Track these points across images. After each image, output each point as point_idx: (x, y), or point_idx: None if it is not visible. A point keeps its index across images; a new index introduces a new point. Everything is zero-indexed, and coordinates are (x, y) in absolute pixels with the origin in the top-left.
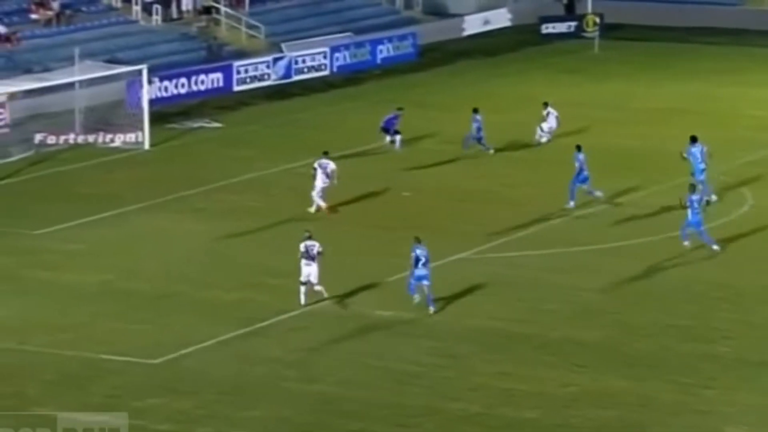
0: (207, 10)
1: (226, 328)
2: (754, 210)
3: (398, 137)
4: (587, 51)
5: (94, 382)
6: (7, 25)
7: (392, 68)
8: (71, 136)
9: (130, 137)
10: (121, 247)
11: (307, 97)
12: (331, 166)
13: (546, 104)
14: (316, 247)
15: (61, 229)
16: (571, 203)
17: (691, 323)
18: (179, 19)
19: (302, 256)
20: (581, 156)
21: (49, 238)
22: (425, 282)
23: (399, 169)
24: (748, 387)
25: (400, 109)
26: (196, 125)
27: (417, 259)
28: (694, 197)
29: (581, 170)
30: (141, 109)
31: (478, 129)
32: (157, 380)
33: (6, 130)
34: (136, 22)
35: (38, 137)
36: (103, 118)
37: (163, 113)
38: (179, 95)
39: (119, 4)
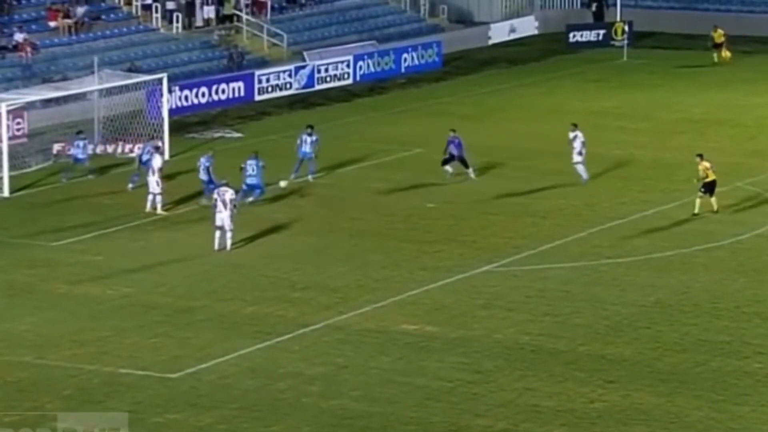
0: (228, 18)
1: (247, 342)
2: None
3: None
4: (616, 60)
5: (113, 397)
6: (26, 32)
7: (416, 77)
8: (90, 147)
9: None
10: (140, 260)
11: (329, 107)
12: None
13: (575, 126)
14: (228, 193)
15: (79, 240)
16: None
17: (723, 338)
18: (200, 27)
19: (214, 204)
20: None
21: (67, 250)
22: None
23: (422, 180)
24: None
25: (453, 130)
26: (216, 135)
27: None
28: None
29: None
30: (161, 118)
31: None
32: (177, 395)
33: (24, 140)
34: (156, 30)
35: (56, 147)
36: (123, 128)
37: (183, 123)
38: (199, 105)
39: (139, 13)
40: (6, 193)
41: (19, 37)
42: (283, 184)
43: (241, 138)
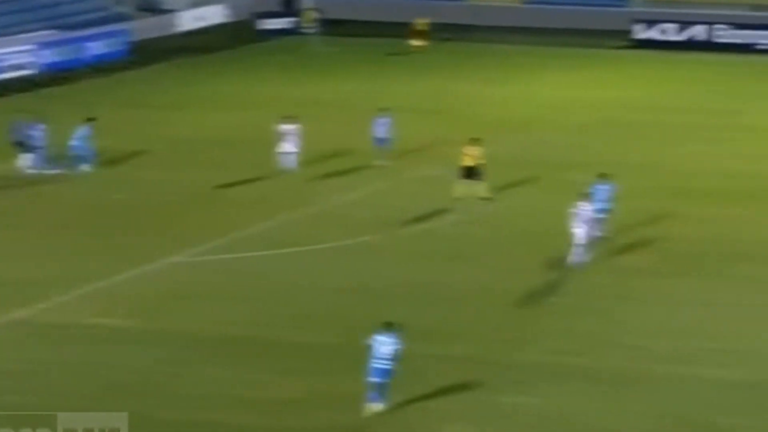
0: None
1: None
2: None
3: None
4: (307, 48)
5: None
6: None
7: (103, 66)
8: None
9: None
10: None
11: (10, 98)
12: None
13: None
14: None
15: None
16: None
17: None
18: None
19: None
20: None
21: None
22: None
23: (110, 172)
24: (467, 386)
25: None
26: None
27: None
28: None
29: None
30: None
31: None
32: None
33: None
34: None
35: None
36: None
37: None
38: None
39: None
40: None
41: None
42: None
43: None
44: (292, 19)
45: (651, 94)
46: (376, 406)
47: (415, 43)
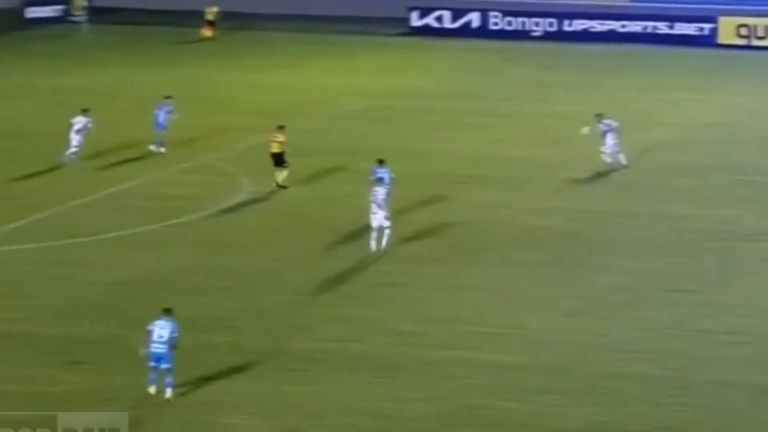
0: None
1: None
2: (249, 197)
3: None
4: (75, 36)
5: None
6: None
7: None
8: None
9: None
10: None
11: None
12: None
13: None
14: None
15: None
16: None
17: (191, 313)
18: None
19: None
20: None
21: None
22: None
23: None
24: (247, 376)
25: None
26: None
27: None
28: None
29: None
30: None
31: None
32: None
33: None
34: None
35: None
36: None
37: None
38: None
39: None
40: None
41: None
42: None
43: None
44: (61, 7)
45: (429, 81)
46: (154, 389)
47: (204, 32)
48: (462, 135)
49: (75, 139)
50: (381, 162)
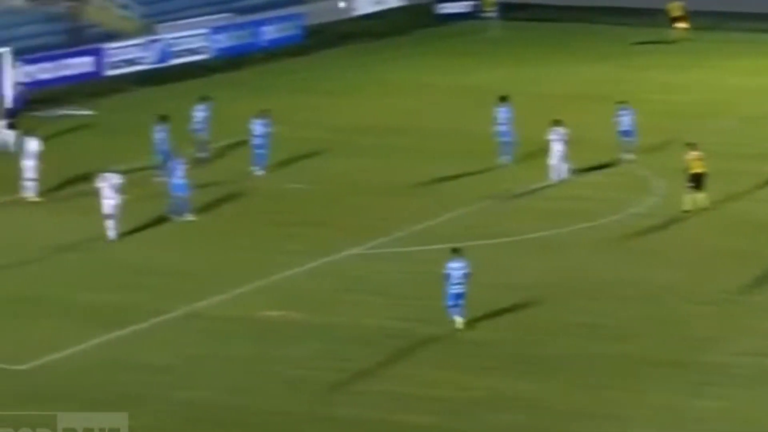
0: None
1: (98, 332)
2: (663, 201)
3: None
4: (485, 33)
5: None
6: None
7: (277, 51)
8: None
9: None
10: None
11: (185, 83)
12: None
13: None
14: (114, 178)
15: None
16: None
17: (600, 321)
18: None
19: (103, 190)
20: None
21: None
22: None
23: (282, 160)
24: (656, 387)
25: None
26: (64, 113)
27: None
28: None
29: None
30: (2, 95)
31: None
32: (21, 388)
33: None
34: None
35: None
36: None
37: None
38: (45, 80)
39: None
40: None
41: None
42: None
43: (91, 116)
44: (472, 3)
45: None
46: (459, 320)
47: (679, 26)
48: None
49: (556, 150)
50: None
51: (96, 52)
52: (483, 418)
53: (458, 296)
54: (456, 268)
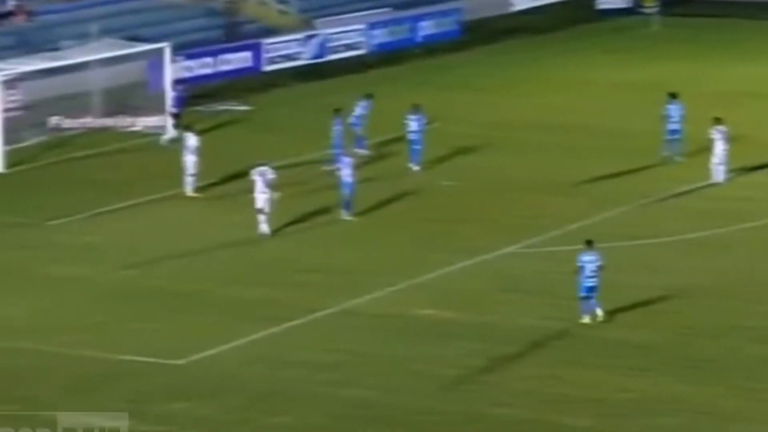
0: None
1: (253, 328)
2: None
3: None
4: (646, 29)
5: (113, 386)
6: None
7: (434, 46)
8: (88, 120)
9: (152, 121)
10: (139, 240)
11: (342, 78)
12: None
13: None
14: (268, 173)
15: (76, 220)
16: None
17: (758, 323)
18: None
19: (256, 184)
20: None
21: (63, 230)
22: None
23: (437, 157)
24: None
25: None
26: (223, 108)
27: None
28: None
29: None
30: (163, 90)
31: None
32: (181, 383)
33: (19, 112)
34: None
35: (53, 121)
36: (123, 101)
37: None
38: (204, 76)
39: None
40: (1, 168)
41: (11, 3)
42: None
43: (248, 111)
44: None
45: None
46: (599, 313)
47: None
48: None
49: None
50: None
51: (254, 48)
52: (640, 421)
53: (591, 289)
54: (589, 261)
